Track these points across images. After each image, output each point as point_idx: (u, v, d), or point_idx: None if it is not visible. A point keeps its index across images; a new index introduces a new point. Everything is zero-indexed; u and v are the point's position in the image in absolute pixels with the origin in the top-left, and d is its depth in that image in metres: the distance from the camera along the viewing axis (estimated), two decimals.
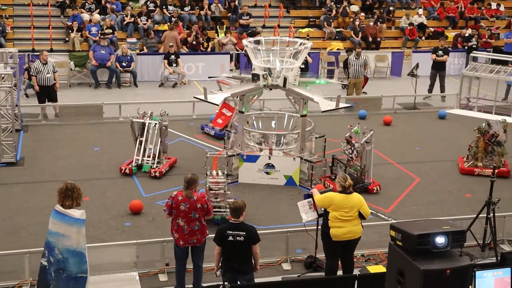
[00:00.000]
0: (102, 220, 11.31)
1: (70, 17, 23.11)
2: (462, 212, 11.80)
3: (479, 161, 13.84)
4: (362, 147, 12.53)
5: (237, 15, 25.33)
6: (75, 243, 7.81)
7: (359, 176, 12.68)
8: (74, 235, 7.81)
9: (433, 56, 20.50)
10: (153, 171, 13.13)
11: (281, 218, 11.58)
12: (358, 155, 12.62)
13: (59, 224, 7.83)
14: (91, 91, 20.27)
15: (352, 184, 9.19)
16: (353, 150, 12.63)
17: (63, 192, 7.84)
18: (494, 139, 13.83)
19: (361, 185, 12.53)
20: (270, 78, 12.59)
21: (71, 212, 7.81)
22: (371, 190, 12.70)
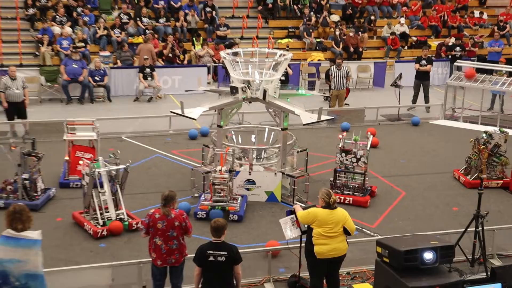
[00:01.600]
0: (75, 241, 11.15)
1: (40, 31, 22.95)
2: (450, 226, 11.79)
3: (484, 173, 13.84)
4: (368, 153, 12.87)
5: (214, 26, 25.34)
6: (34, 267, 7.59)
7: (362, 183, 12.97)
8: (32, 257, 7.58)
9: (416, 66, 20.61)
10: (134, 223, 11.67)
11: (263, 236, 11.49)
12: (366, 163, 12.88)
13: (13, 249, 7.51)
14: (62, 107, 20.10)
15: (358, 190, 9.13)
16: (359, 159, 12.84)
17: (11, 215, 7.54)
18: (496, 149, 13.89)
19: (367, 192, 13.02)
20: (249, 90, 12.55)
21: (27, 235, 7.56)
22: (374, 192, 13.21)
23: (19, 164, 12.43)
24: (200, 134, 17.01)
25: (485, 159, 13.90)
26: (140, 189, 13.43)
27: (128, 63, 22.49)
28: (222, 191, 12.12)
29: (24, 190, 12.47)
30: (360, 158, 12.88)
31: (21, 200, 12.24)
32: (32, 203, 12.25)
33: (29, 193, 12.52)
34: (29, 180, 12.50)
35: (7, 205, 11.99)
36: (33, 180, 12.55)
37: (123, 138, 16.84)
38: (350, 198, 12.88)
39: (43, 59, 22.20)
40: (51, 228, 11.57)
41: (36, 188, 12.60)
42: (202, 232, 11.13)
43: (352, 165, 12.97)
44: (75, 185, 13.53)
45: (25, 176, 12.43)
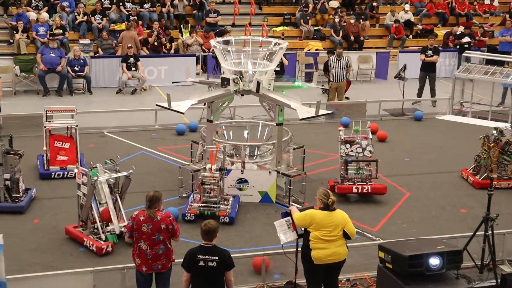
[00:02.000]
0: (53, 245, 11.16)
1: (15, 16, 22.92)
2: (458, 229, 11.83)
3: (494, 173, 13.90)
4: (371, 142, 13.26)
5: (203, 13, 25.35)
6: None
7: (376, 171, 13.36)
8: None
9: (422, 56, 20.67)
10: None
11: (256, 240, 11.54)
12: (372, 152, 13.19)
13: None
14: (39, 99, 20.08)
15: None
16: (364, 148, 13.14)
17: None
18: (507, 147, 13.97)
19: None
20: (241, 82, 12.58)
21: None
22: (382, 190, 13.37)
23: (0, 164, 12.30)
24: (189, 130, 17.05)
25: (496, 157, 13.95)
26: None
27: (110, 52, 22.48)
28: (212, 191, 12.15)
29: (6, 192, 12.34)
30: (366, 148, 13.16)
31: (3, 203, 12.28)
32: (17, 205, 12.29)
33: (12, 195, 12.40)
34: (10, 180, 12.33)
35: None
36: (15, 180, 12.41)
37: (105, 133, 16.86)
38: (368, 186, 13.16)
39: (17, 48, 22.18)
40: (27, 231, 11.58)
41: (18, 189, 12.48)
42: (190, 235, 11.19)
43: (357, 156, 13.21)
44: (57, 175, 13.74)
45: (6, 177, 12.27)
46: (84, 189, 11.03)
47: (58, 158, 14.06)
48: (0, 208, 12.25)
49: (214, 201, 12.15)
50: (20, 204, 12.35)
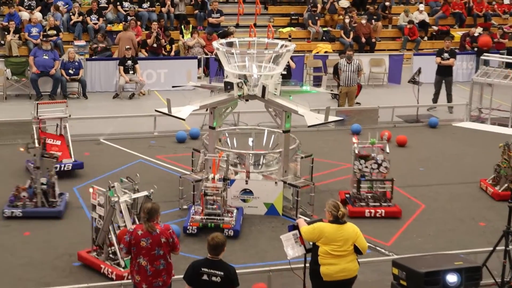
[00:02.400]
0: (45, 259, 11.14)
1: (6, 16, 22.98)
2: (476, 244, 11.80)
3: None
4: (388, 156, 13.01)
5: (205, 13, 25.38)
6: None
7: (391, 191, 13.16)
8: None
9: (437, 59, 20.66)
10: None
11: (261, 254, 11.51)
12: (388, 168, 12.95)
13: None
14: (31, 104, 20.05)
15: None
16: (380, 164, 12.89)
17: None
18: None
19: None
20: (246, 87, 12.57)
21: None
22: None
23: (38, 167, 12.51)
24: (190, 137, 17.04)
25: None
26: None
27: (107, 55, 22.49)
28: (215, 203, 12.12)
29: (44, 196, 12.57)
30: (381, 164, 12.95)
31: (41, 208, 12.51)
32: (55, 210, 12.57)
33: (49, 199, 12.65)
34: (47, 184, 12.61)
35: (26, 213, 12.51)
36: (51, 185, 12.68)
37: (100, 140, 16.86)
38: (382, 210, 12.98)
39: (9, 49, 22.23)
40: (18, 244, 11.56)
41: (54, 193, 12.72)
42: (191, 250, 11.18)
43: (370, 172, 13.02)
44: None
45: (43, 181, 12.53)
46: (101, 211, 10.68)
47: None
48: (38, 213, 12.52)
49: (217, 213, 12.12)
50: (58, 209, 12.61)
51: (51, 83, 20.61)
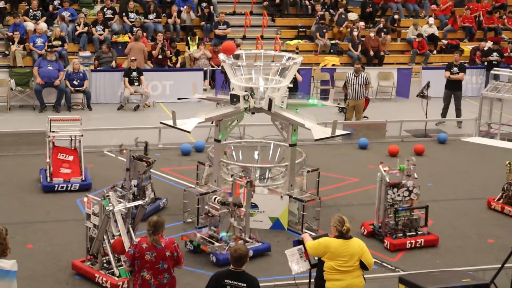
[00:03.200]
0: (48, 272, 11.16)
1: (11, 27, 23.11)
2: (485, 261, 11.79)
3: None
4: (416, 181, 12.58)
5: (212, 24, 25.47)
6: None
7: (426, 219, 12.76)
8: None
9: (446, 73, 20.69)
10: None
11: (266, 269, 11.50)
12: (418, 195, 12.53)
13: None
14: (35, 115, 20.19)
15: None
16: (411, 191, 12.43)
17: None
18: None
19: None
20: (252, 99, 12.61)
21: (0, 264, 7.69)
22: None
23: (128, 169, 13.12)
24: (195, 150, 17.07)
25: None
26: None
27: (110, 66, 22.55)
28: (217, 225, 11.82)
29: (133, 198, 12.87)
30: (412, 190, 12.49)
31: None
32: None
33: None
34: (137, 187, 13.09)
35: None
36: (142, 187, 13.12)
37: (104, 152, 16.87)
38: (421, 239, 12.52)
39: (13, 60, 22.34)
40: (21, 257, 11.55)
41: (144, 196, 12.98)
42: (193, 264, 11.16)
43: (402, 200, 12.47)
44: (60, 187, 14.18)
45: (133, 183, 13.05)
46: (95, 220, 10.74)
47: (61, 170, 14.48)
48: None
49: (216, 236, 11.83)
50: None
51: (55, 94, 20.69)
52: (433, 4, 29.17)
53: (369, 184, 15.11)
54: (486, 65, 24.24)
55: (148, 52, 23.27)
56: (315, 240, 9.12)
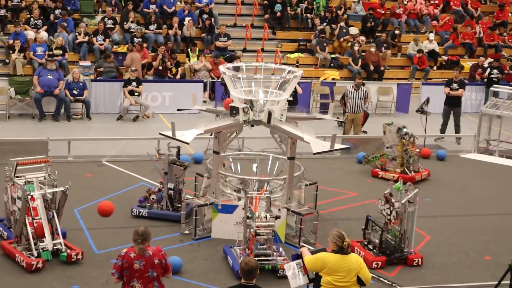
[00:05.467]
0: (42, 281, 11.14)
1: (12, 35, 23.16)
2: (481, 277, 11.83)
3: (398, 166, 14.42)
4: (404, 207, 12.14)
5: (212, 36, 25.53)
6: None
7: (398, 243, 12.30)
8: None
9: (446, 89, 20.73)
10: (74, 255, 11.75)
11: (263, 283, 11.47)
12: (397, 217, 12.21)
13: None
14: (34, 124, 20.20)
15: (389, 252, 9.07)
16: (392, 211, 12.24)
17: None
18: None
19: (399, 255, 12.35)
20: (251, 112, 12.62)
21: None
22: (410, 262, 12.32)
23: (166, 173, 13.62)
24: (193, 161, 17.06)
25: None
26: (122, 223, 13.46)
27: (112, 76, 22.59)
28: (266, 242, 11.66)
29: (169, 200, 13.59)
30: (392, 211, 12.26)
31: (165, 211, 13.59)
32: (176, 215, 13.44)
33: (174, 204, 13.62)
34: (174, 190, 13.64)
35: (151, 214, 13.65)
36: (178, 191, 13.64)
37: (103, 162, 16.92)
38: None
39: (13, 68, 22.37)
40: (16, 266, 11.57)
41: (180, 199, 13.55)
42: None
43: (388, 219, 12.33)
44: None
45: (170, 186, 13.58)
46: (19, 204, 11.47)
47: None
48: (161, 216, 13.61)
49: (268, 253, 11.64)
50: (179, 214, 13.31)
51: (55, 103, 20.71)
52: (434, 20, 29.24)
53: (367, 199, 15.13)
54: (486, 82, 24.29)
55: (149, 63, 23.30)
56: (313, 255, 9.10)
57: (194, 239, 12.89)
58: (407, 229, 12.35)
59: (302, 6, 27.73)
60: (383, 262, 12.16)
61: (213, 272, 11.77)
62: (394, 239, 12.32)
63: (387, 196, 12.43)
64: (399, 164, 16.76)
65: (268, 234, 11.59)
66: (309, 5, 27.89)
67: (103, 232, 12.97)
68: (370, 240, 12.54)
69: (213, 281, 11.45)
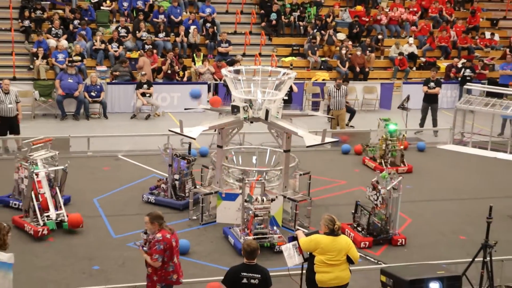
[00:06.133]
0: (66, 262, 11.19)
1: (35, 43, 23.13)
2: (457, 255, 11.84)
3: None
4: (389, 193, 12.25)
5: (215, 43, 25.51)
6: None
7: (384, 225, 12.41)
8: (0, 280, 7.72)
9: (424, 88, 20.74)
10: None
11: (263, 262, 11.49)
12: (383, 202, 12.31)
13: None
14: (57, 123, 20.21)
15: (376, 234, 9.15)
16: (378, 197, 12.35)
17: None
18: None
19: (384, 236, 12.42)
20: (251, 110, 12.63)
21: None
22: (395, 242, 12.41)
23: (170, 165, 13.74)
24: (200, 154, 17.07)
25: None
26: (136, 210, 13.49)
27: (126, 79, 22.58)
28: (263, 222, 11.85)
29: (173, 190, 13.68)
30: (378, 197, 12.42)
31: (169, 199, 13.71)
32: (178, 203, 13.63)
33: (177, 193, 13.72)
34: (179, 180, 13.68)
35: (158, 201, 13.79)
36: (183, 181, 13.70)
37: (119, 156, 16.93)
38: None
39: (37, 73, 22.35)
40: (42, 248, 11.62)
41: (184, 190, 13.72)
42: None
43: (375, 204, 12.46)
44: None
45: (176, 177, 13.61)
46: (26, 182, 12.11)
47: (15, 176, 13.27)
48: (165, 203, 13.67)
49: (265, 232, 11.86)
50: (180, 202, 13.61)
51: (75, 104, 20.70)
52: (413, 25, 29.20)
53: (354, 186, 15.18)
54: (460, 81, 24.26)
55: (158, 67, 23.29)
56: (307, 237, 9.16)
57: (201, 224, 12.93)
58: (392, 213, 12.44)
59: (295, 15, 27.67)
60: (370, 242, 12.24)
61: (218, 253, 11.82)
62: (380, 222, 12.42)
63: (374, 183, 12.51)
64: (379, 156, 16.79)
65: (265, 215, 11.78)
66: (301, 13, 27.85)
67: (119, 219, 13.02)
68: (359, 222, 12.61)
69: (218, 261, 11.50)
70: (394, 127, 16.75)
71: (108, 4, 26.06)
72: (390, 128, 16.74)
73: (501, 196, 15.06)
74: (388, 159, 16.73)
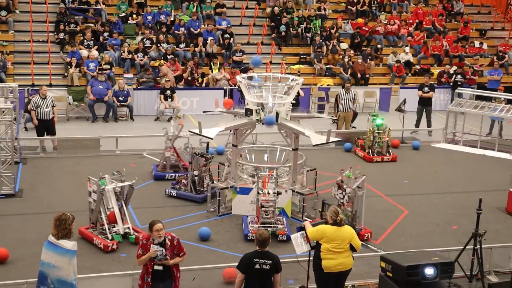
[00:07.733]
0: (98, 250, 11.21)
1: (69, 53, 23.20)
2: (449, 243, 11.78)
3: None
4: (354, 192, 12.01)
5: (230, 52, 25.49)
6: (66, 274, 7.76)
7: (350, 222, 12.07)
8: (65, 265, 7.76)
9: (419, 92, 20.65)
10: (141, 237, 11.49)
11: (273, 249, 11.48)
12: (349, 200, 12.07)
13: (51, 254, 7.80)
14: (88, 125, 20.27)
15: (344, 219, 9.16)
16: (344, 195, 12.14)
17: (55, 221, 7.92)
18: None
19: None
20: (262, 112, 12.63)
21: (62, 243, 7.80)
22: (361, 236, 12.02)
23: (190, 162, 13.78)
24: (216, 153, 17.08)
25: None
26: (160, 203, 13.53)
27: (150, 85, 22.60)
28: (269, 213, 11.98)
29: (192, 185, 13.66)
30: (344, 196, 12.04)
31: (189, 193, 13.69)
32: (196, 196, 13.64)
33: (196, 188, 13.70)
34: (198, 176, 13.67)
35: (179, 195, 13.80)
36: (201, 177, 13.68)
37: (144, 154, 16.95)
38: None
39: (71, 80, 22.42)
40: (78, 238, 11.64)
41: (203, 184, 13.68)
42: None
43: (341, 202, 12.10)
44: (169, 176, 14.88)
45: (195, 173, 13.63)
46: (94, 196, 11.50)
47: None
48: (185, 196, 13.72)
49: (271, 221, 11.97)
50: (198, 196, 13.62)
51: (105, 108, 20.76)
52: (409, 36, 29.07)
53: None
54: (452, 85, 24.14)
55: (179, 75, 23.30)
56: (314, 227, 9.16)
57: (218, 215, 12.92)
58: (357, 209, 12.14)
59: (302, 27, 27.59)
60: None
61: (234, 241, 11.82)
62: (347, 218, 12.04)
63: (339, 183, 12.17)
64: (367, 146, 17.35)
65: (271, 206, 11.89)
66: (307, 25, 27.78)
67: (145, 211, 13.03)
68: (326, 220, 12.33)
69: (233, 248, 11.50)
70: (381, 121, 17.19)
71: (134, 18, 26.09)
72: (377, 122, 17.22)
73: (490, 189, 14.96)
74: (375, 149, 17.29)
